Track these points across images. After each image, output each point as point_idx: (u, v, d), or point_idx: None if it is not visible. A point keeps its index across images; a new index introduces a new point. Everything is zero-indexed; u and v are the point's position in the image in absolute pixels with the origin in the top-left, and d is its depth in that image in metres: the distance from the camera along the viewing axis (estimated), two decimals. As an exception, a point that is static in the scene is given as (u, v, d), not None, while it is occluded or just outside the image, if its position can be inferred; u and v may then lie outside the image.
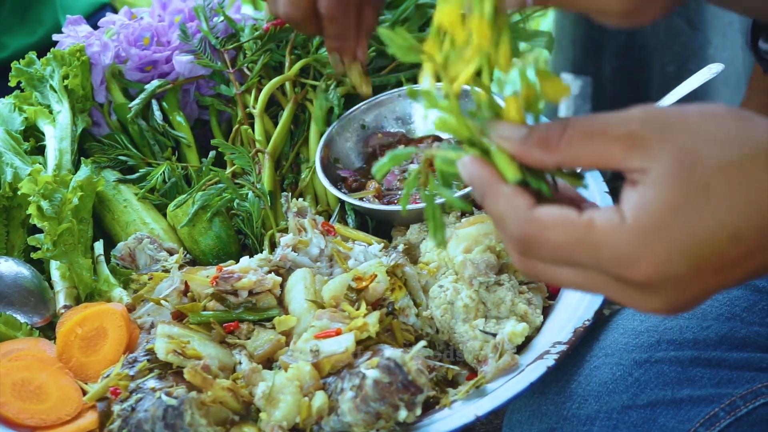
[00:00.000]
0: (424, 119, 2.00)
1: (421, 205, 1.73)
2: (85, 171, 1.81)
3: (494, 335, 1.49)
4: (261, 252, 1.75)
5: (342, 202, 1.86)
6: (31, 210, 1.71)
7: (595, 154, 0.94)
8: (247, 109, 2.00)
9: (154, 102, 2.02)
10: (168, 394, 1.38)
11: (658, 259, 0.91)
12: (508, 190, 0.98)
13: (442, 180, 1.07)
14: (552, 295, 1.62)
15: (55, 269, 1.72)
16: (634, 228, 0.91)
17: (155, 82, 2.01)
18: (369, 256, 1.66)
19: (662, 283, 0.93)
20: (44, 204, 1.71)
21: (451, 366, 1.52)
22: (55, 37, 2.11)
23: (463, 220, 1.68)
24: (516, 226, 0.97)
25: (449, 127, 1.03)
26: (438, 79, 1.04)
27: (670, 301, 0.95)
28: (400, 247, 1.68)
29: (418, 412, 1.38)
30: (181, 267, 1.70)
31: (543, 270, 1.00)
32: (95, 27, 2.12)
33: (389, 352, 1.40)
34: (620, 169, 0.94)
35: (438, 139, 1.96)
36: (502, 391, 1.43)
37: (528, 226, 0.96)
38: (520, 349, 1.52)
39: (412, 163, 1.90)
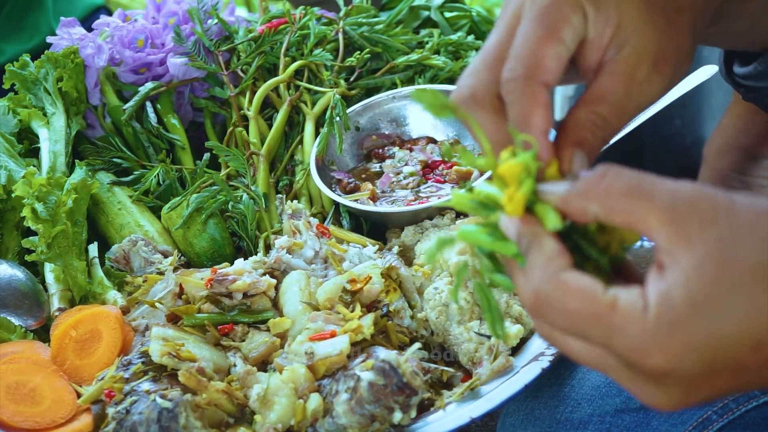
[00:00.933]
0: (417, 121, 2.01)
1: (416, 207, 1.73)
2: (79, 173, 1.81)
3: (489, 337, 1.49)
4: (255, 254, 1.75)
5: (337, 204, 1.86)
6: (26, 212, 1.71)
7: (632, 213, 0.90)
8: (242, 112, 2.00)
9: (148, 104, 2.02)
10: (163, 397, 1.38)
11: (673, 354, 0.87)
12: (552, 247, 0.94)
13: (488, 262, 1.03)
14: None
15: (50, 272, 1.71)
16: (655, 320, 0.87)
17: (149, 85, 2.01)
18: (364, 258, 1.66)
19: (673, 378, 0.90)
20: (38, 206, 1.70)
21: (446, 368, 1.52)
22: (49, 39, 2.11)
23: (457, 222, 1.68)
24: (538, 282, 0.94)
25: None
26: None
27: (679, 399, 0.92)
28: (395, 249, 1.68)
29: (413, 414, 1.38)
30: (175, 269, 1.69)
31: (559, 340, 0.96)
32: (90, 30, 2.12)
33: (384, 354, 1.40)
34: (649, 238, 0.90)
35: (432, 141, 1.96)
36: (496, 393, 1.43)
37: (549, 286, 0.93)
38: (515, 351, 1.51)
39: (406, 165, 1.90)
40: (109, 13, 2.82)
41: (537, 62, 1.00)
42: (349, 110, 1.98)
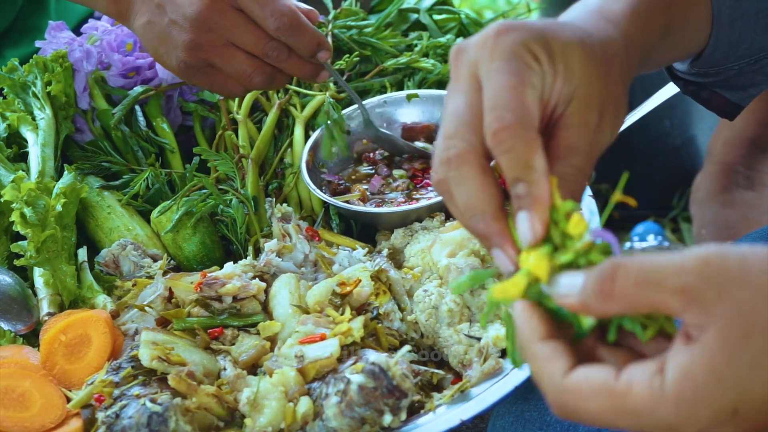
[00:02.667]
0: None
1: (406, 207, 1.74)
2: (68, 177, 1.80)
3: (479, 339, 1.49)
4: (245, 258, 1.75)
5: (326, 207, 1.86)
6: (14, 217, 1.70)
7: (654, 303, 0.88)
8: (231, 115, 2.00)
9: (137, 108, 2.02)
10: (152, 401, 1.38)
11: (701, 425, 0.86)
12: (542, 353, 0.93)
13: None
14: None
15: (39, 276, 1.71)
16: (677, 396, 0.86)
17: (138, 88, 2.01)
18: (353, 261, 1.66)
19: None
20: (27, 211, 1.70)
21: (436, 370, 1.52)
22: (37, 43, 2.10)
23: (447, 224, 1.68)
24: (551, 394, 0.94)
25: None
26: None
27: None
28: (385, 252, 1.68)
29: (403, 416, 1.39)
30: (165, 273, 1.69)
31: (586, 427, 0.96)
32: (79, 34, 2.12)
33: (374, 356, 1.40)
34: (681, 318, 0.88)
35: (424, 156, 1.95)
36: (487, 395, 1.43)
37: (563, 396, 0.92)
38: (505, 353, 1.52)
39: (399, 168, 1.90)
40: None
41: (524, 108, 1.01)
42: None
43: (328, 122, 1.93)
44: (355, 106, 1.98)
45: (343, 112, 1.99)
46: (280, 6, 1.69)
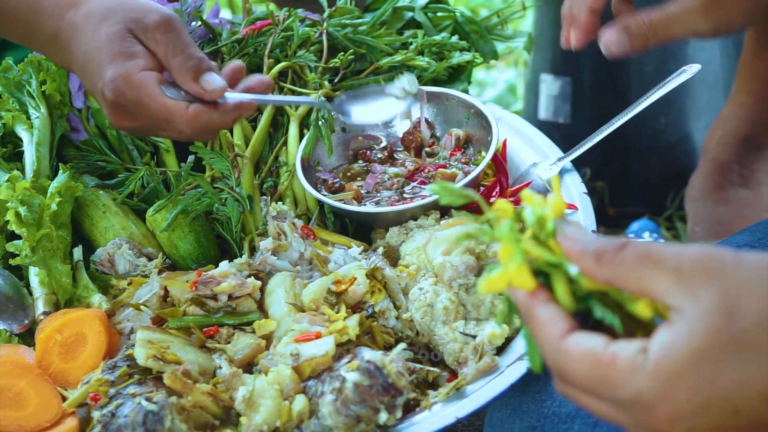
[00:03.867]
0: (404, 122, 2.01)
1: (400, 207, 1.74)
2: (63, 177, 1.80)
3: (474, 337, 1.49)
4: (240, 256, 1.75)
5: (321, 206, 1.86)
6: (10, 216, 1.70)
7: (642, 280, 0.93)
8: (226, 113, 2.00)
9: (132, 107, 2.01)
10: (148, 400, 1.38)
11: (676, 407, 0.89)
12: (544, 317, 0.99)
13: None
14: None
15: (34, 275, 1.71)
16: (655, 370, 0.90)
17: (133, 87, 2.00)
18: (349, 259, 1.66)
19: (682, 430, 0.91)
20: (22, 210, 1.70)
21: (432, 368, 1.53)
22: None
23: (442, 222, 1.68)
24: (548, 355, 0.99)
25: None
26: None
27: None
28: (380, 250, 1.68)
29: (399, 414, 1.39)
30: (160, 272, 1.69)
31: (576, 396, 1.00)
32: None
33: (369, 354, 1.40)
34: (662, 301, 0.93)
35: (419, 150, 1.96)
36: (482, 393, 1.44)
37: (557, 357, 0.97)
38: (500, 350, 1.52)
39: (392, 166, 1.90)
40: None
41: None
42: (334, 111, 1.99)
43: (319, 122, 1.93)
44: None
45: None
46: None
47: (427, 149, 1.96)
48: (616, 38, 1.46)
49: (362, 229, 1.84)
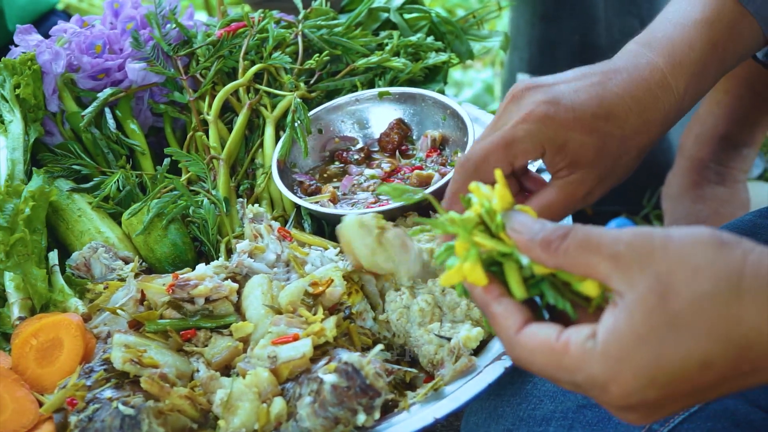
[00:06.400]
0: (380, 123, 2.01)
1: (377, 209, 1.74)
2: (37, 181, 1.79)
3: (449, 339, 1.49)
4: (217, 259, 1.75)
5: (298, 207, 1.86)
6: (-17, 221, 1.69)
7: (587, 266, 1.01)
8: (201, 116, 2.00)
9: (107, 110, 2.01)
10: (125, 404, 1.37)
11: (626, 386, 0.97)
12: (499, 312, 1.06)
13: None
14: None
15: (9, 280, 1.70)
16: (603, 355, 0.97)
17: (108, 90, 2.00)
18: (326, 261, 1.66)
19: (634, 405, 0.99)
20: (-4, 215, 1.69)
21: (409, 369, 1.52)
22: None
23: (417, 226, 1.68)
24: (507, 348, 1.07)
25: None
26: None
27: (645, 417, 1.01)
28: (350, 262, 1.67)
29: (377, 415, 1.39)
30: (136, 275, 1.69)
31: (541, 379, 1.10)
32: (47, 36, 2.10)
33: (346, 356, 1.40)
34: (605, 283, 1.01)
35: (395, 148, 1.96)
36: (460, 393, 1.43)
37: (515, 349, 1.05)
38: (477, 351, 1.52)
39: (368, 167, 1.90)
40: (68, 17, 2.80)
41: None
42: (311, 113, 1.98)
43: (295, 124, 1.93)
44: (328, 104, 1.99)
45: (316, 110, 1.99)
46: None
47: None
48: None
49: (339, 231, 1.84)
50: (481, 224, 1.10)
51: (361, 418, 1.37)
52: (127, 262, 1.76)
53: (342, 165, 1.95)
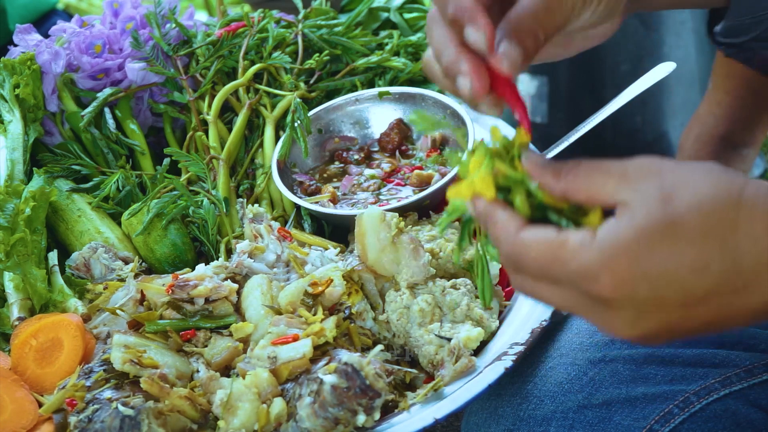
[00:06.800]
0: (380, 123, 2.01)
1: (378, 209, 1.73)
2: (37, 181, 1.79)
3: (449, 340, 1.49)
4: (217, 259, 1.74)
5: (298, 207, 1.85)
6: (-17, 221, 1.69)
7: (592, 187, 1.03)
8: (201, 116, 2.00)
9: (106, 110, 2.00)
10: (125, 404, 1.37)
11: (618, 276, 0.98)
12: (501, 218, 1.08)
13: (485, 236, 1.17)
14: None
15: (9, 281, 1.70)
16: (600, 246, 0.99)
17: (108, 90, 2.00)
18: (325, 261, 1.66)
19: (623, 302, 0.99)
20: (-4, 215, 1.69)
21: (409, 369, 1.52)
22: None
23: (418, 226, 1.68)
24: (505, 249, 1.08)
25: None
26: None
27: (632, 322, 1.01)
28: (357, 252, 1.68)
29: (377, 416, 1.39)
30: (136, 276, 1.68)
31: (531, 287, 1.08)
32: (46, 35, 2.10)
33: (346, 356, 1.40)
34: (610, 203, 1.02)
35: (395, 150, 1.95)
36: (460, 394, 1.43)
37: (514, 248, 1.06)
38: (476, 351, 1.52)
39: (368, 167, 1.90)
40: (68, 17, 2.80)
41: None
42: (311, 112, 1.98)
43: (295, 124, 1.92)
44: (328, 104, 1.99)
45: (316, 110, 1.99)
46: None
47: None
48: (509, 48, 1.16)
49: (339, 231, 1.84)
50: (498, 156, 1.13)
51: (361, 419, 1.36)
52: (126, 263, 1.76)
53: (342, 165, 1.95)
